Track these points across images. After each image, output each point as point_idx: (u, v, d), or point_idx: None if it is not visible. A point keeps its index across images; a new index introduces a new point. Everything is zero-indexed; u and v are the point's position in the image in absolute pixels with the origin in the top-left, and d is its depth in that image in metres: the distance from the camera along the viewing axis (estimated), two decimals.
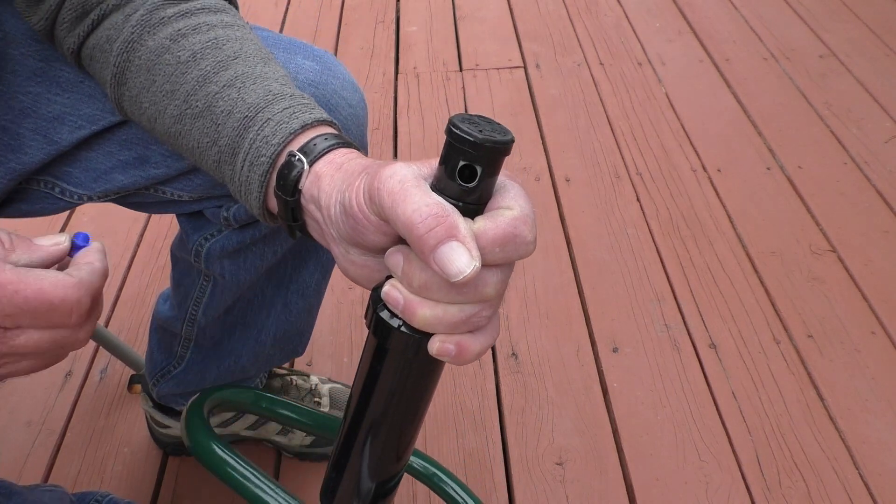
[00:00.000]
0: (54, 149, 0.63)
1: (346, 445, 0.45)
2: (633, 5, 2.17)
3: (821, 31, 2.04)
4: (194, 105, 0.51)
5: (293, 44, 0.69)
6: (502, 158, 0.36)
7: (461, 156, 0.36)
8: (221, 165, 0.51)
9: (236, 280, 0.78)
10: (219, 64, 0.51)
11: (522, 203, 0.38)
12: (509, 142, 0.36)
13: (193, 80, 0.51)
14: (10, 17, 0.62)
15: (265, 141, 0.47)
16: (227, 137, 0.49)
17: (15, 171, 0.63)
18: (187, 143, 0.53)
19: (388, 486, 0.46)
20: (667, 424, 1.10)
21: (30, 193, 0.67)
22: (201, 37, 0.52)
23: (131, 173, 0.66)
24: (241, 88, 0.50)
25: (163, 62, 0.52)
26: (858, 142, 1.66)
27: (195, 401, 0.58)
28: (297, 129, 0.47)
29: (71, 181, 0.66)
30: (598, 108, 1.76)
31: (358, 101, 0.71)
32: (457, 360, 0.39)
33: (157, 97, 0.53)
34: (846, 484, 1.03)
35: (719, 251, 1.39)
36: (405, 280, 0.38)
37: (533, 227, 0.38)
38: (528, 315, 1.26)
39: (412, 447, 0.45)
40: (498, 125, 0.37)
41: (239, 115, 0.49)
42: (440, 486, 0.62)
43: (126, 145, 0.66)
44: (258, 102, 0.49)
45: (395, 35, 2.05)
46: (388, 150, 1.63)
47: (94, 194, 0.67)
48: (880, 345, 1.22)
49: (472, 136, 0.35)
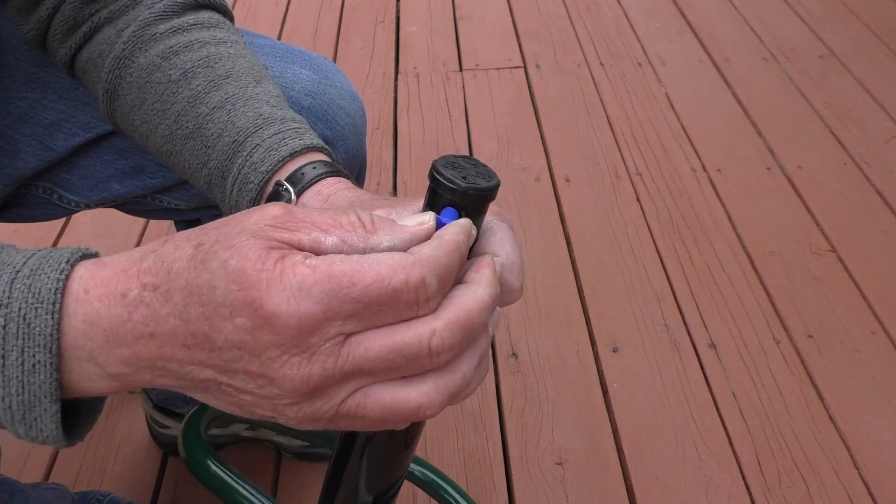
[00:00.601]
0: (50, 155, 0.63)
1: (340, 462, 0.45)
2: (633, 5, 2.17)
3: (821, 31, 2.04)
4: (185, 126, 0.50)
5: (290, 52, 0.68)
6: (487, 204, 0.36)
7: (444, 201, 0.35)
8: (212, 187, 0.50)
9: None
10: (210, 84, 0.50)
11: (508, 249, 0.37)
12: (494, 187, 0.35)
13: (184, 101, 0.50)
14: (6, 24, 0.62)
15: (253, 168, 0.47)
16: (217, 161, 0.49)
17: (11, 176, 0.63)
18: (179, 163, 0.52)
19: (386, 497, 0.46)
20: (667, 424, 1.10)
21: (29, 199, 0.67)
22: (193, 55, 0.51)
23: (128, 182, 0.66)
24: (230, 111, 0.49)
25: (154, 80, 0.51)
26: (858, 142, 1.66)
27: (192, 416, 0.58)
28: (285, 156, 0.46)
29: (69, 189, 0.66)
30: (598, 108, 1.76)
31: (356, 110, 0.70)
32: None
33: (149, 115, 0.52)
34: (846, 484, 1.03)
35: (719, 251, 1.39)
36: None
37: (520, 275, 0.37)
38: (528, 315, 1.26)
39: (409, 460, 0.45)
40: (483, 167, 0.36)
41: (228, 140, 0.48)
42: (439, 492, 0.62)
43: (123, 154, 0.66)
44: (248, 127, 0.48)
45: (395, 35, 2.05)
46: (388, 150, 1.63)
47: (92, 202, 0.67)
48: (880, 345, 1.22)
49: (454, 184, 0.34)
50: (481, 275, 0.34)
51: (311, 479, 1.02)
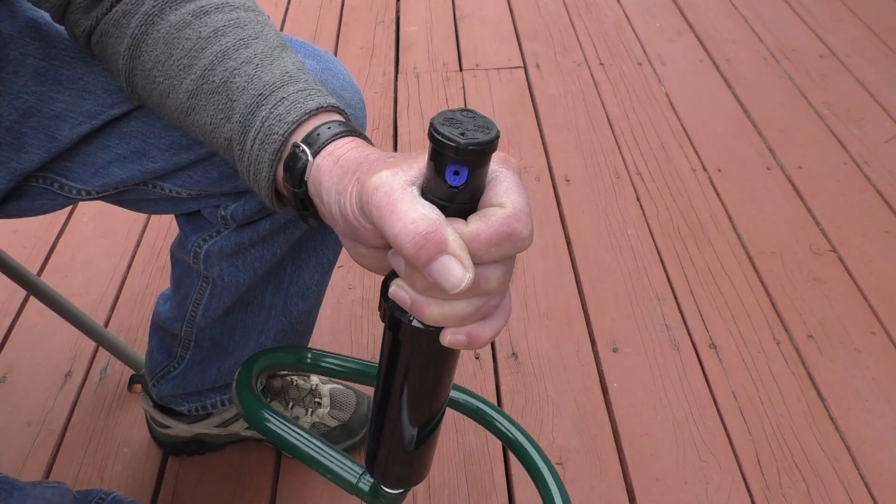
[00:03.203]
0: (55, 146, 0.63)
1: (379, 419, 0.47)
2: (633, 5, 2.17)
3: (821, 31, 2.04)
4: (211, 80, 0.51)
5: (294, 42, 0.69)
6: (489, 156, 0.36)
7: (446, 160, 0.35)
8: (232, 144, 0.51)
9: (235, 282, 0.78)
10: (240, 42, 0.52)
11: (515, 197, 0.37)
12: (494, 139, 0.35)
13: (213, 55, 0.51)
14: (6, 19, 0.62)
15: (279, 119, 0.47)
16: (240, 114, 0.50)
17: (16, 170, 0.63)
18: (200, 120, 0.53)
19: (428, 429, 0.47)
20: (667, 424, 1.10)
21: (29, 190, 0.67)
22: (224, 15, 0.53)
23: (129, 167, 0.66)
24: (258, 66, 0.50)
25: (182, 36, 0.53)
26: (858, 142, 1.66)
27: (242, 370, 0.60)
28: (312, 109, 0.47)
29: (70, 176, 0.66)
30: (598, 108, 1.76)
31: (357, 102, 0.71)
32: (470, 348, 0.39)
33: (173, 71, 0.53)
34: (846, 484, 1.03)
35: (719, 251, 1.39)
36: (409, 282, 0.38)
37: (528, 222, 0.38)
38: (528, 315, 1.26)
39: (447, 390, 0.46)
40: (482, 118, 0.36)
41: (254, 92, 0.49)
42: (484, 418, 0.64)
43: (124, 139, 0.66)
44: (274, 81, 0.49)
45: (395, 35, 2.05)
46: (388, 149, 1.63)
47: (93, 189, 0.67)
48: (880, 345, 1.22)
49: (454, 141, 0.34)
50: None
51: (311, 479, 1.02)
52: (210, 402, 0.93)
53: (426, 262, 0.35)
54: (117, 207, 0.74)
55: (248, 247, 0.75)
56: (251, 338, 0.86)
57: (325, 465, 0.55)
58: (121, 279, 1.31)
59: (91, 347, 1.19)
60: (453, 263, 0.35)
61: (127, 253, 1.35)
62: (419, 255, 0.35)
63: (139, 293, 1.28)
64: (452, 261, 0.35)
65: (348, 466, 0.55)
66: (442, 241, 0.35)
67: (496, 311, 0.40)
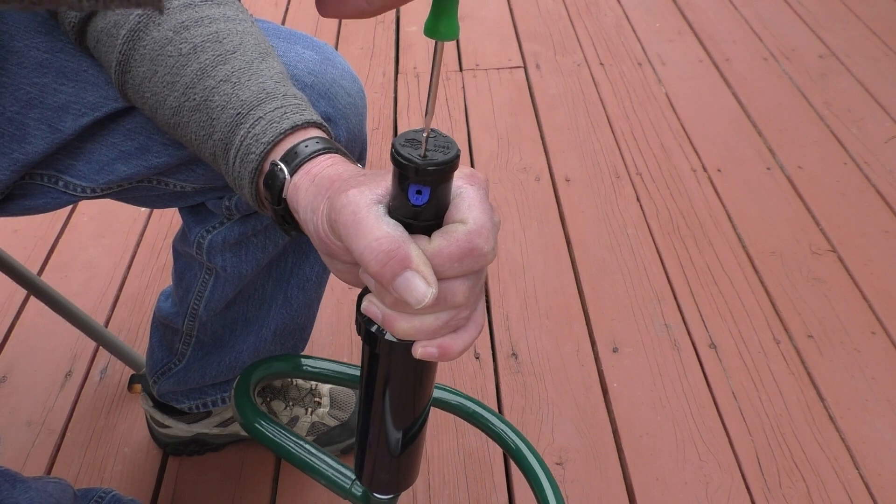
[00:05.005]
0: (58, 138, 0.63)
1: (364, 428, 0.49)
2: (633, 5, 2.17)
3: (821, 31, 2.04)
4: (192, 98, 0.52)
5: (294, 34, 0.70)
6: (450, 175, 0.37)
7: (407, 180, 0.36)
8: (217, 159, 0.52)
9: (238, 273, 0.78)
10: (217, 58, 0.52)
11: (476, 214, 0.38)
12: (453, 159, 0.36)
13: (192, 73, 0.52)
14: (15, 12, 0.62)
15: (255, 139, 0.49)
16: (221, 132, 0.51)
17: (19, 161, 0.63)
18: (186, 135, 0.54)
19: (413, 430, 0.49)
20: (667, 424, 1.10)
21: (33, 188, 0.67)
22: (203, 30, 0.53)
23: (133, 163, 0.66)
24: (235, 84, 0.51)
25: (165, 53, 0.53)
26: (858, 142, 1.66)
27: (241, 380, 0.61)
28: (287, 129, 0.48)
29: (74, 174, 0.66)
30: (598, 108, 1.76)
31: (357, 91, 0.71)
32: (442, 359, 0.40)
33: (159, 87, 0.54)
34: (846, 484, 1.03)
35: (719, 251, 1.39)
36: (379, 297, 0.40)
37: (490, 238, 0.38)
38: (528, 315, 1.26)
39: (429, 393, 0.47)
40: (443, 138, 0.37)
41: (232, 112, 0.50)
42: (473, 417, 0.66)
43: (128, 135, 0.66)
44: (251, 100, 0.50)
45: (395, 35, 2.05)
46: (388, 149, 1.63)
47: (98, 186, 0.67)
48: (880, 345, 1.22)
49: (413, 162, 0.36)
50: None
51: (310, 480, 1.01)
52: (210, 399, 0.94)
53: (390, 279, 0.37)
54: (118, 207, 0.74)
55: (250, 237, 0.75)
56: (252, 332, 0.86)
57: (320, 471, 0.57)
58: (121, 279, 1.31)
59: (91, 347, 1.19)
60: (416, 279, 0.37)
61: (127, 253, 1.36)
62: (383, 271, 0.37)
63: (139, 293, 1.29)
64: (416, 277, 0.37)
65: (341, 473, 0.57)
66: (405, 257, 0.37)
67: (468, 322, 0.41)
